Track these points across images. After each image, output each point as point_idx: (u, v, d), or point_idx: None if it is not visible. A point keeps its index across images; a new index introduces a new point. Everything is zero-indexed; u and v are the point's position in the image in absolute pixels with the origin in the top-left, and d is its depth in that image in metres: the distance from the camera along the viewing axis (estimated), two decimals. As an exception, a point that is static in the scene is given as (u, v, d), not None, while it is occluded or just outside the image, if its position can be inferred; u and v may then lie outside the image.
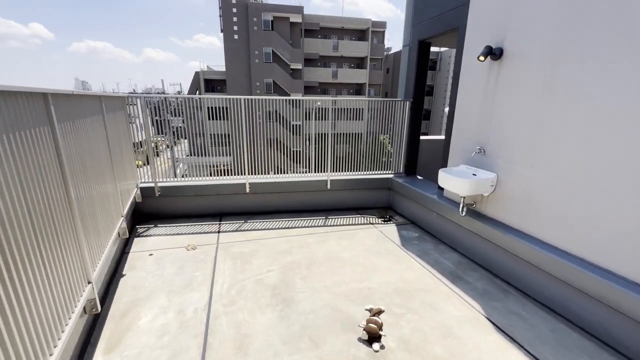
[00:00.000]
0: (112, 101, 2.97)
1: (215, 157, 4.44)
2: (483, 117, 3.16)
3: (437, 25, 3.94)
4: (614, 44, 2.06)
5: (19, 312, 1.17)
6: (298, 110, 4.74)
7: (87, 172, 2.04)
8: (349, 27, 32.71)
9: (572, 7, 2.29)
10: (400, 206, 4.84)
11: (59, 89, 1.62)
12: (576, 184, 2.33)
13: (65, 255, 1.63)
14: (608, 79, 2.10)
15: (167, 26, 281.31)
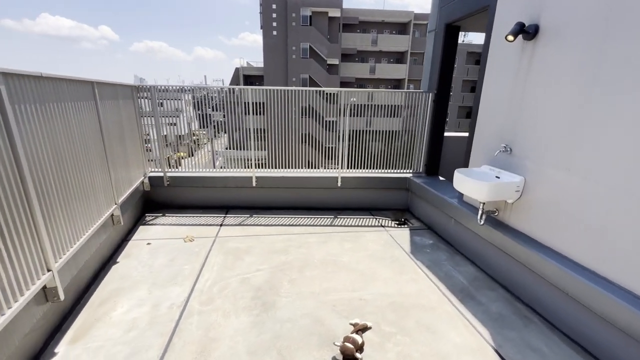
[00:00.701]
0: (111, 89, 2.97)
1: (251, 151, 4.41)
2: (511, 109, 2.67)
3: (466, 4, 3.44)
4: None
5: None
6: (333, 106, 4.49)
7: (59, 159, 2.00)
8: (389, 20, 31.53)
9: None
10: (417, 209, 4.40)
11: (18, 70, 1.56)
12: (623, 192, 1.81)
13: (17, 242, 1.57)
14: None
15: (215, 26, 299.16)
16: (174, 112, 4.51)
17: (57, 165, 1.97)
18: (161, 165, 4.20)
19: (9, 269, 1.51)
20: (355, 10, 31.29)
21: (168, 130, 4.44)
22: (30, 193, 1.65)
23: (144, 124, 4.00)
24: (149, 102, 3.97)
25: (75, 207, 2.17)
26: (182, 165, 4.49)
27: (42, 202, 1.77)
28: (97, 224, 2.50)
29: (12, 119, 1.55)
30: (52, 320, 2.03)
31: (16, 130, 1.57)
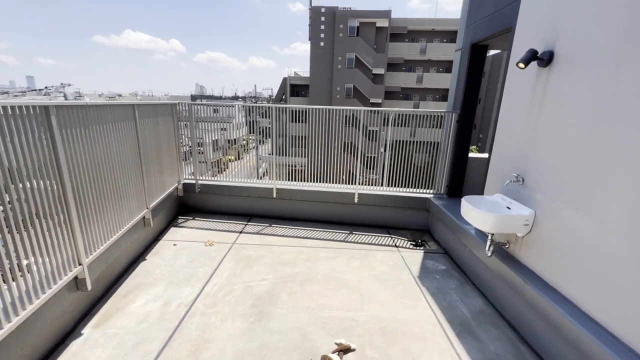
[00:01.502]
0: (151, 108, 3.43)
1: (293, 157, 4.74)
2: (525, 137, 2.53)
3: (491, 24, 3.33)
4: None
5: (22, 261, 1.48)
6: (376, 115, 4.53)
7: (97, 169, 2.40)
8: (440, 28, 30.53)
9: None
10: (437, 231, 4.26)
11: (61, 102, 1.96)
12: (638, 244, 1.64)
13: (55, 238, 1.95)
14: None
15: (269, 37, 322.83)
16: (226, 119, 5.01)
17: (94, 174, 2.38)
18: (194, 174, 4.66)
19: (46, 260, 1.89)
20: (404, 19, 30.88)
21: (219, 135, 4.94)
22: (68, 198, 2.04)
23: (200, 128, 4.53)
24: (204, 108, 4.52)
25: (108, 210, 2.57)
26: (220, 174, 4.92)
27: (78, 206, 2.16)
28: (128, 225, 2.91)
29: (59, 140, 1.94)
30: (83, 306, 2.43)
31: (61, 147, 1.97)
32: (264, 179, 4.77)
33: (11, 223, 1.63)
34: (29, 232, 1.75)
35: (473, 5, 3.75)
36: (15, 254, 1.66)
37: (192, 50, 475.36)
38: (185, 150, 4.66)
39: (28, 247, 1.75)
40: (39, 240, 1.82)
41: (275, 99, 36.71)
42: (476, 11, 3.67)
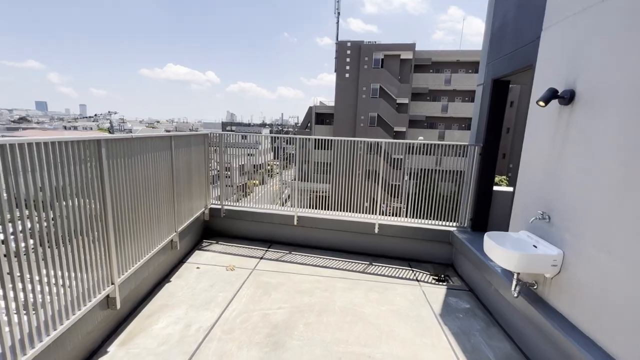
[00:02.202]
0: (186, 139, 3.73)
1: (316, 183, 4.89)
2: (548, 174, 2.48)
3: (512, 62, 3.39)
4: None
5: (59, 278, 1.65)
6: (400, 145, 4.59)
7: (135, 195, 2.63)
8: (464, 59, 30.81)
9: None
10: (461, 267, 4.10)
11: (112, 135, 2.23)
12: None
13: (94, 258, 2.13)
14: None
15: (297, 68, 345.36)
16: (253, 145, 5.31)
17: (133, 200, 2.60)
18: (220, 199, 4.88)
19: (84, 277, 2.06)
20: (428, 52, 31.55)
21: (246, 160, 5.22)
22: (109, 221, 2.24)
23: (229, 153, 4.82)
24: (234, 135, 4.86)
25: (141, 232, 2.76)
26: (242, 200, 5.12)
27: (116, 228, 2.36)
28: (157, 247, 3.09)
29: (106, 169, 2.18)
30: (111, 324, 2.56)
31: (107, 176, 2.20)
32: (286, 206, 4.89)
33: (58, 237, 1.82)
34: (72, 246, 1.94)
35: (493, 43, 3.85)
36: (59, 268, 1.84)
37: (226, 81, 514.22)
38: (213, 174, 4.93)
39: (71, 261, 1.93)
40: (79, 256, 2.01)
41: (301, 126, 37.94)
42: (496, 49, 3.76)
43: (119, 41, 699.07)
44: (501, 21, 3.74)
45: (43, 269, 1.74)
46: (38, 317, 1.74)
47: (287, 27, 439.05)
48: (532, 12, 3.03)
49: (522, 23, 3.23)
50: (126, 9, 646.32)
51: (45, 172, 1.72)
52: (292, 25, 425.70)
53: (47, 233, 1.76)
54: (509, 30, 3.53)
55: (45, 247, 1.75)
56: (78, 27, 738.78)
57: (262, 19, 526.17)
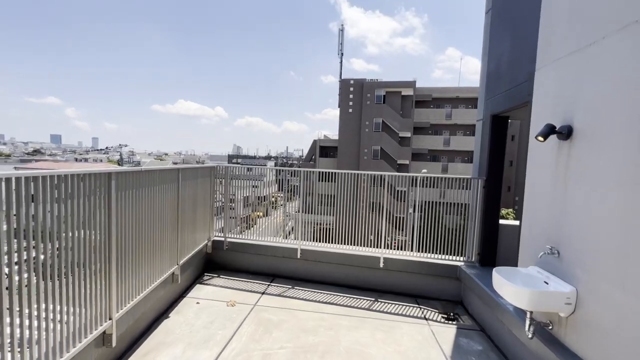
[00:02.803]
0: (193, 171, 3.82)
1: (320, 215, 4.88)
2: (554, 208, 2.46)
3: (509, 99, 3.52)
4: None
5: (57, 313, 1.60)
6: (404, 178, 4.60)
7: (140, 226, 2.65)
8: (463, 95, 31.90)
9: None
10: (471, 304, 3.93)
11: (121, 168, 2.30)
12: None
13: (94, 292, 2.10)
14: None
15: (302, 103, 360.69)
16: (258, 177, 5.37)
17: (137, 231, 2.61)
18: (223, 231, 4.86)
19: (82, 311, 2.01)
20: (428, 88, 32.85)
21: (251, 192, 5.25)
22: (112, 253, 2.24)
23: (233, 185, 4.87)
24: (239, 167, 4.95)
25: (143, 265, 2.74)
26: (246, 232, 5.08)
27: (118, 260, 2.35)
28: (158, 281, 3.04)
29: (114, 201, 2.23)
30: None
31: (114, 208, 2.24)
32: (289, 239, 4.83)
33: (60, 269, 1.81)
34: (73, 279, 1.92)
35: (490, 82, 4.03)
36: (58, 302, 1.81)
37: (233, 116, 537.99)
38: (217, 205, 4.95)
39: (70, 295, 1.90)
40: (79, 289, 1.98)
41: (305, 159, 38.56)
42: (494, 87, 3.92)
43: (134, 78, 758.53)
44: (496, 62, 3.95)
45: (42, 303, 1.72)
46: (32, 354, 1.68)
47: (294, 67, 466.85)
48: (525, 53, 3.21)
49: (516, 63, 3.41)
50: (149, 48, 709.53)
51: (55, 204, 1.77)
52: (298, 65, 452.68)
53: (50, 265, 1.76)
54: (504, 70, 3.72)
55: (47, 280, 1.74)
56: (98, 66, 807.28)
57: (270, 60, 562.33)
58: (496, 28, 3.96)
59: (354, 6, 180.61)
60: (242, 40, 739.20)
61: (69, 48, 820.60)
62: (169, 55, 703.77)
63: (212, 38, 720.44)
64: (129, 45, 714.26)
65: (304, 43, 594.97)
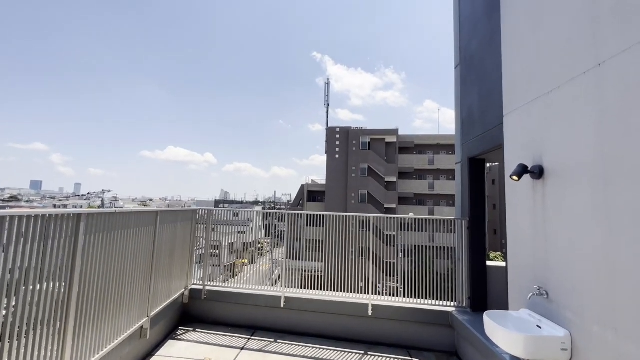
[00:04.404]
0: (172, 215, 3.70)
1: (308, 262, 4.67)
2: (536, 247, 2.46)
3: (483, 143, 3.72)
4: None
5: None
6: (392, 221, 4.58)
7: (107, 273, 2.45)
8: (444, 142, 33.64)
9: (614, 121, 1.86)
10: (466, 355, 3.68)
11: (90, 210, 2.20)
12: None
13: (44, 348, 1.85)
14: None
15: (290, 150, 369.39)
16: (245, 222, 5.17)
17: (104, 280, 2.41)
18: (203, 279, 4.57)
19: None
20: (410, 136, 34.58)
21: (236, 238, 5.02)
22: (71, 309, 2.03)
23: (218, 231, 4.65)
24: (224, 212, 4.74)
25: (107, 317, 2.48)
26: (229, 280, 4.77)
27: (78, 315, 2.12)
28: (124, 336, 2.73)
29: (81, 244, 2.08)
30: None
31: (80, 255, 2.08)
32: (276, 286, 4.57)
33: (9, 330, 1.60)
34: (19, 341, 1.70)
35: (465, 127, 4.28)
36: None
37: (222, 162, 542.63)
38: (200, 252, 4.71)
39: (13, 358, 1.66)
40: (24, 351, 1.74)
41: (293, 203, 38.37)
42: (468, 131, 4.16)
43: (125, 124, 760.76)
44: (468, 110, 4.24)
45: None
46: None
47: (282, 116, 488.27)
48: (493, 101, 3.48)
49: (486, 110, 3.67)
50: (141, 95, 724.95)
51: (12, 250, 1.63)
52: (287, 114, 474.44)
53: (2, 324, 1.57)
54: (476, 116, 3.98)
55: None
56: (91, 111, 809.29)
57: (260, 109, 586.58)
58: (465, 80, 4.33)
59: (337, 64, 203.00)
60: (233, 91, 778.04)
61: (60, 94, 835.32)
62: (161, 101, 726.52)
63: (203, 87, 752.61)
64: (121, 92, 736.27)
65: (292, 94, 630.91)
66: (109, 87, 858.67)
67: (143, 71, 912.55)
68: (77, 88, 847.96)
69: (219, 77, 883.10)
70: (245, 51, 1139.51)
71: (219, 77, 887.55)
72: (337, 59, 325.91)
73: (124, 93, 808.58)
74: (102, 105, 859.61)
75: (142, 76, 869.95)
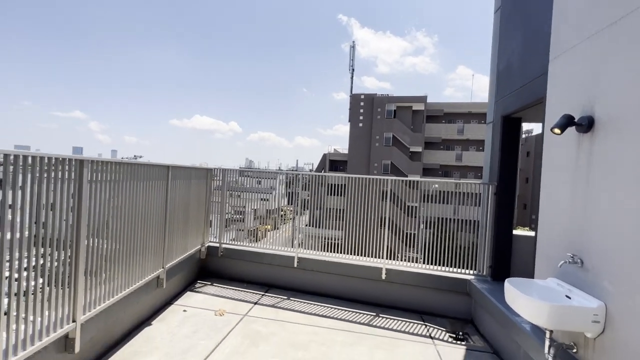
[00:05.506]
0: (185, 171, 3.68)
1: (329, 229, 4.70)
2: (575, 211, 2.16)
3: (521, 97, 3.27)
4: None
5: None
6: (414, 191, 4.44)
7: (117, 220, 2.48)
8: (476, 111, 31.50)
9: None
10: (482, 323, 3.55)
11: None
12: None
13: (54, 287, 1.91)
14: None
15: (314, 119, 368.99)
16: (268, 190, 5.18)
17: (115, 227, 2.43)
18: (219, 237, 4.66)
19: (42, 313, 1.81)
20: (440, 104, 32.68)
21: (260, 205, 5.07)
22: (80, 246, 2.06)
23: (243, 197, 4.75)
24: (248, 178, 4.75)
25: (119, 266, 2.54)
26: (243, 240, 4.85)
27: (88, 256, 2.16)
28: (138, 284, 2.83)
29: (86, 192, 2.07)
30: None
31: (86, 199, 2.07)
32: (287, 247, 4.58)
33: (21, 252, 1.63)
34: (35, 273, 1.74)
35: (500, 81, 3.80)
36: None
37: (247, 131, 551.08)
38: (227, 217, 4.75)
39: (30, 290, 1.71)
40: (38, 282, 1.79)
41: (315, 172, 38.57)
42: (504, 86, 3.69)
43: (155, 93, 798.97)
44: (507, 61, 3.73)
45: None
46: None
47: (306, 84, 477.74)
48: (538, 46, 2.99)
49: (529, 58, 3.18)
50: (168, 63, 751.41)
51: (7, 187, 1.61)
52: (311, 82, 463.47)
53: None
54: (515, 67, 3.49)
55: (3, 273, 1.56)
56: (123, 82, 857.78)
57: (284, 77, 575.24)
58: (506, 26, 3.76)
59: (364, 27, 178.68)
60: (256, 58, 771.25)
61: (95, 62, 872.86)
62: (187, 70, 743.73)
63: (228, 56, 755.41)
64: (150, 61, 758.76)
65: (316, 61, 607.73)
66: (140, 55, 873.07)
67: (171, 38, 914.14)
68: (110, 57, 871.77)
69: (242, 45, 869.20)
70: (269, 17, 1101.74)
71: (242, 44, 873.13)
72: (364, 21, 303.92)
73: (154, 61, 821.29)
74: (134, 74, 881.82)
75: (170, 44, 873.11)
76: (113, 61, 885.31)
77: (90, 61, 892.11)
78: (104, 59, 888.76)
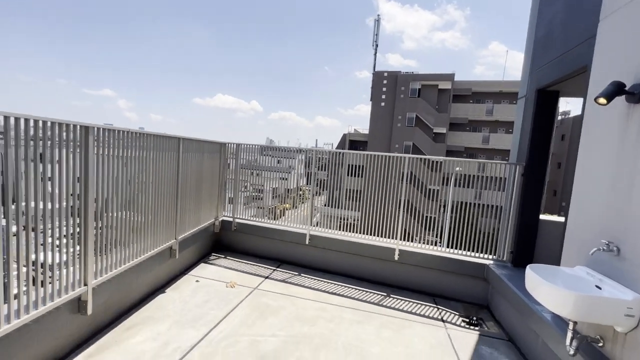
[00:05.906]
0: (197, 144, 3.65)
1: (347, 210, 4.67)
2: (616, 194, 1.91)
3: (560, 67, 2.91)
4: None
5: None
6: (436, 174, 4.27)
7: (129, 192, 2.49)
8: (507, 90, 29.49)
9: None
10: (498, 309, 3.40)
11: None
12: None
13: (66, 251, 1.96)
14: None
15: (335, 99, 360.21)
16: (287, 169, 5.16)
17: (123, 195, 2.45)
18: (232, 211, 4.69)
19: (54, 274, 1.87)
20: (468, 82, 30.84)
21: (279, 184, 5.08)
22: (89, 215, 2.08)
23: (263, 176, 4.79)
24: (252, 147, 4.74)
25: (130, 234, 2.58)
26: (275, 220, 4.86)
27: (98, 224, 2.19)
28: (150, 253, 2.89)
29: (92, 160, 2.06)
30: (85, 331, 2.33)
31: (93, 166, 2.07)
32: (299, 224, 4.55)
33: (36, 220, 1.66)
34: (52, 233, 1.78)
35: (537, 51, 3.40)
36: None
37: (268, 110, 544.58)
38: (247, 194, 4.80)
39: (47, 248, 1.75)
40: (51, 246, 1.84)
41: (334, 153, 38.20)
42: (541, 56, 3.30)
43: (179, 72, 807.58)
44: (547, 26, 3.31)
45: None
46: None
47: (328, 62, 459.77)
48: (583, 8, 2.60)
49: (573, 22, 2.79)
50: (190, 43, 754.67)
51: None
52: (333, 61, 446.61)
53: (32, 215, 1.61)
54: (556, 33, 3.09)
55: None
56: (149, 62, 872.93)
57: (305, 55, 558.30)
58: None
59: (391, 0, 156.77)
60: (278, 35, 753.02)
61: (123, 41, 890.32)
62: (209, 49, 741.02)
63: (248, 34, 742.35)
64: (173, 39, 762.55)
65: (339, 39, 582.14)
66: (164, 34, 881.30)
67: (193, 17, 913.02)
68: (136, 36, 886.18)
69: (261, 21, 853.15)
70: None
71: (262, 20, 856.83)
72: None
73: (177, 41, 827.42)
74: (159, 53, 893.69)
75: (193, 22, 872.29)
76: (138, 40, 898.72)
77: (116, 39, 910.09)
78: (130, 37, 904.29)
